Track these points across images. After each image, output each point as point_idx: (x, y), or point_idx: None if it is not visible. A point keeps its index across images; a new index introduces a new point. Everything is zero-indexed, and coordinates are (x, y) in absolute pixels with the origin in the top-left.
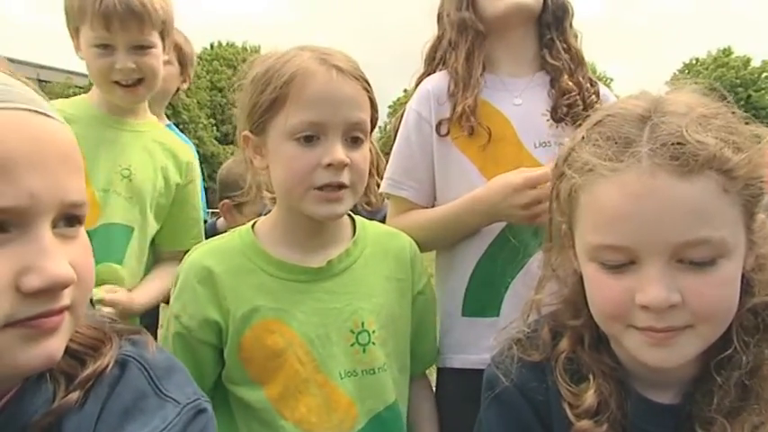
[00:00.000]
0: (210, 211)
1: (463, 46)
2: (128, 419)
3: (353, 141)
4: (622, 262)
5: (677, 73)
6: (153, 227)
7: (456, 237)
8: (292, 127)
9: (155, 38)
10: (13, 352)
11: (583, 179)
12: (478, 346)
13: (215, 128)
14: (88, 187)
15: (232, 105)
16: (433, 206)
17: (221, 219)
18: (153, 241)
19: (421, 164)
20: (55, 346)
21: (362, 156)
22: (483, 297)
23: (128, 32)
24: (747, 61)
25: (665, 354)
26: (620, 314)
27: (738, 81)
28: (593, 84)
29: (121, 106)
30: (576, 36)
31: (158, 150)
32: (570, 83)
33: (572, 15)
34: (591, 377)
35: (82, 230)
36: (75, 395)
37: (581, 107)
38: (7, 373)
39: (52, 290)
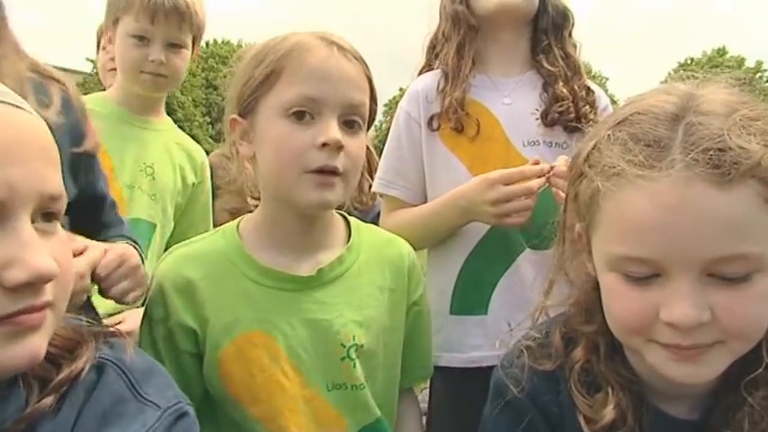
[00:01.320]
0: None
1: (455, 39)
2: (106, 425)
3: (350, 126)
4: (647, 274)
5: (672, 72)
6: (171, 225)
7: (438, 234)
8: (287, 101)
9: (188, 39)
10: None
11: (608, 183)
12: (467, 344)
13: (210, 126)
14: (115, 182)
15: (226, 95)
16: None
17: None
18: None
19: (411, 163)
20: (37, 343)
21: (358, 144)
22: (471, 295)
23: (168, 27)
24: (742, 61)
25: (692, 370)
26: (642, 328)
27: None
28: (588, 93)
29: (143, 104)
30: (575, 46)
31: (176, 150)
32: (564, 90)
33: (572, 24)
34: (609, 390)
35: (59, 226)
36: (48, 400)
37: (573, 115)
38: None
39: (35, 284)
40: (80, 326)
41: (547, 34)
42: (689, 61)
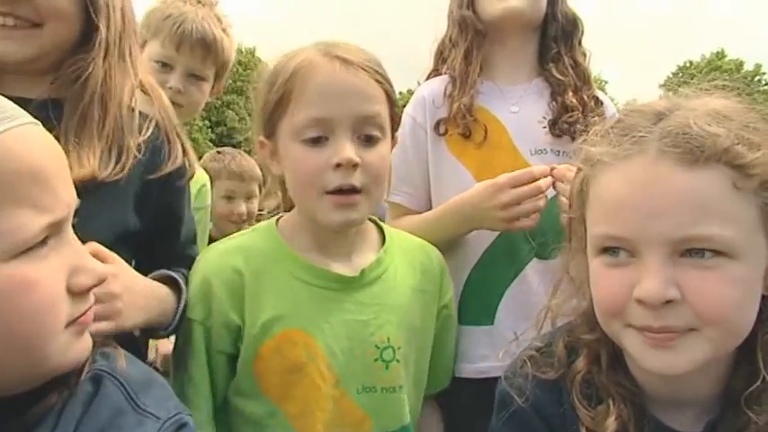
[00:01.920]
0: None
1: (462, 44)
2: None
3: (367, 140)
4: (625, 256)
5: (671, 75)
6: None
7: (441, 243)
8: (297, 125)
9: (210, 73)
10: (66, 349)
11: (591, 171)
12: (474, 354)
13: (210, 130)
14: None
15: (226, 107)
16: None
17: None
18: None
19: (416, 169)
20: (88, 338)
21: (378, 155)
22: (477, 305)
23: (192, 57)
24: (740, 64)
25: (669, 357)
26: (618, 309)
27: (732, 84)
28: (597, 103)
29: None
30: (584, 54)
31: None
32: (574, 100)
33: (582, 32)
34: (611, 401)
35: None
36: (53, 398)
37: (582, 124)
38: (46, 373)
39: (93, 287)
40: None
41: (556, 42)
42: (688, 64)
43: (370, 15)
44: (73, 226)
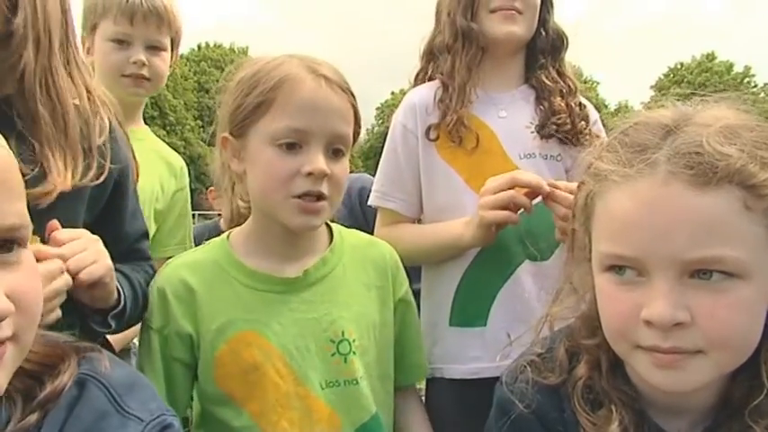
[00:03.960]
0: (198, 213)
1: (462, 56)
2: None
3: (335, 153)
4: (633, 275)
5: (662, 77)
6: (152, 233)
7: (430, 258)
8: (276, 132)
9: (167, 42)
10: None
11: (599, 186)
12: (466, 356)
13: (202, 129)
14: None
15: (219, 107)
16: (419, 218)
17: (221, 219)
18: None
19: (408, 176)
20: (2, 375)
21: (342, 168)
22: (470, 307)
23: (147, 29)
24: (730, 66)
25: (675, 377)
26: (627, 330)
27: (722, 86)
28: (582, 108)
29: (122, 113)
30: (572, 67)
31: (155, 159)
32: (562, 104)
33: (567, 47)
34: (613, 407)
35: (25, 253)
36: (33, 417)
37: (569, 127)
38: None
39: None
40: (59, 341)
41: (543, 54)
42: (679, 66)
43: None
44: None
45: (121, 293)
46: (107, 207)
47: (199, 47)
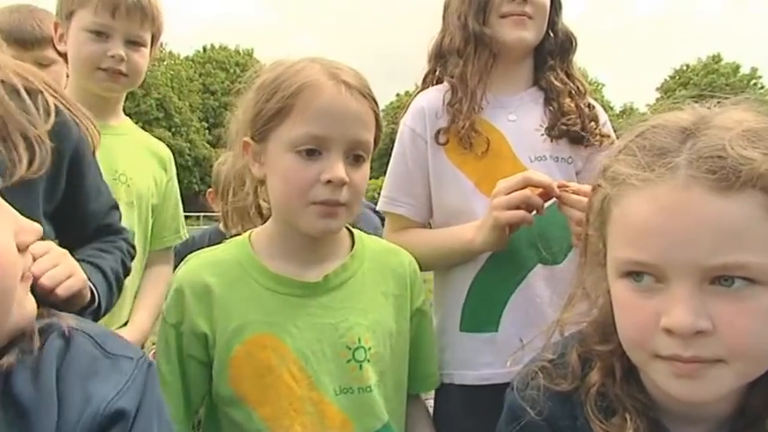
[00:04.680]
0: (203, 215)
1: (476, 62)
2: (87, 381)
3: (355, 160)
4: (651, 281)
5: (668, 79)
6: (149, 227)
7: (441, 263)
8: (295, 138)
9: (148, 38)
10: (22, 302)
11: (615, 190)
12: (477, 361)
13: (207, 131)
14: None
15: (224, 108)
16: (429, 223)
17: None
18: None
19: (417, 180)
20: (32, 297)
21: (362, 175)
22: (481, 312)
23: (129, 23)
24: (737, 68)
25: (694, 386)
26: (645, 339)
27: (729, 87)
28: (591, 109)
29: (100, 106)
30: (579, 68)
31: (143, 152)
32: (572, 105)
33: (575, 48)
34: (627, 415)
35: None
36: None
37: (579, 127)
38: (9, 329)
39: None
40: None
41: (552, 56)
42: (684, 67)
43: (366, 16)
44: None
45: (95, 293)
46: (68, 191)
47: (204, 49)
